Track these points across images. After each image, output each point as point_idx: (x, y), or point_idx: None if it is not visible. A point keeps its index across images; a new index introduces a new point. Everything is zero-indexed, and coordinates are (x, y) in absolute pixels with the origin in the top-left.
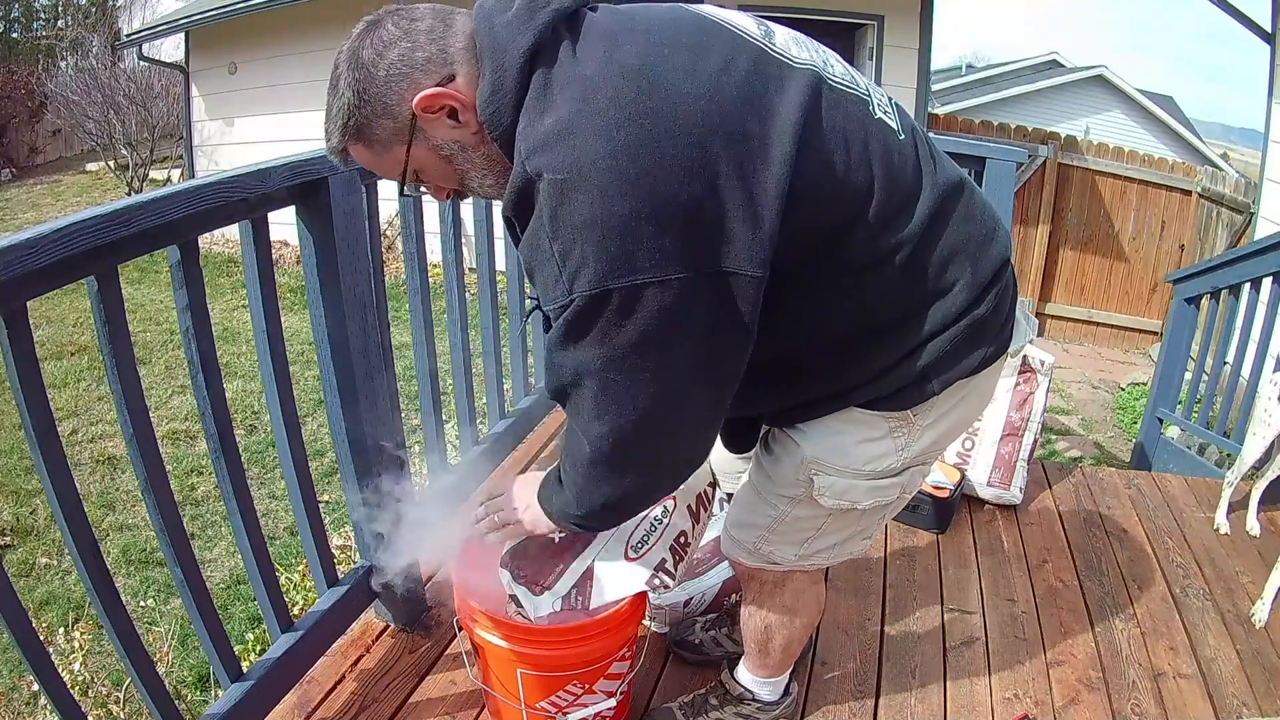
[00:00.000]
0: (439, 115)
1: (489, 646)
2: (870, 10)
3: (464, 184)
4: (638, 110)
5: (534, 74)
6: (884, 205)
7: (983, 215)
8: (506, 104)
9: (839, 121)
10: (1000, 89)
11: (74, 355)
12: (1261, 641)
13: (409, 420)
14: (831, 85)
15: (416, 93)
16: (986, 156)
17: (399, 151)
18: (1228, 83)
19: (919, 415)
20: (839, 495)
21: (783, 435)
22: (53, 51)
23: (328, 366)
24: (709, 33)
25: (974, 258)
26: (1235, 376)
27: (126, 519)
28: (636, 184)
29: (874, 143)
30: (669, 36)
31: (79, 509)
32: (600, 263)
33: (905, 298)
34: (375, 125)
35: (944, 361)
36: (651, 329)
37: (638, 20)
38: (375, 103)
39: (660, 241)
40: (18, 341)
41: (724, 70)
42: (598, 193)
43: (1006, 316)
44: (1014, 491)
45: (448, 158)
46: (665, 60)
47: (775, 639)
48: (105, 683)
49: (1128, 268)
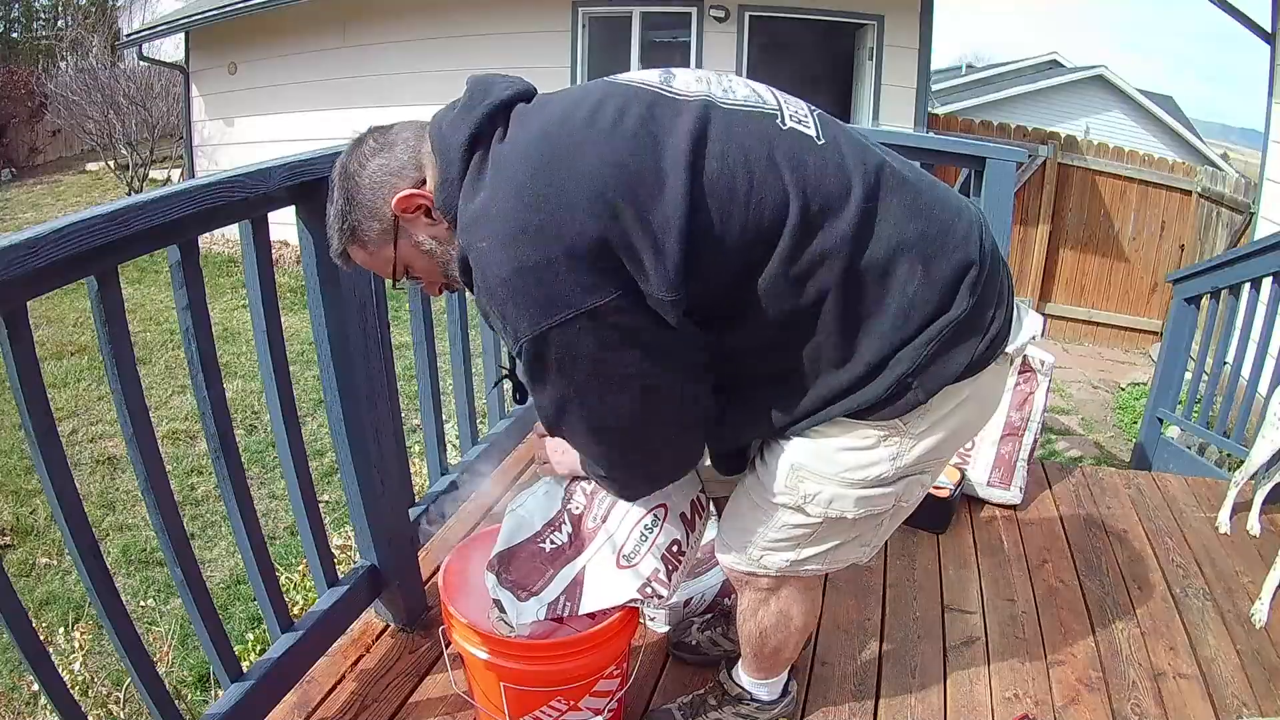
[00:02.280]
0: (417, 215)
1: (472, 659)
2: (870, 10)
3: (447, 275)
4: (540, 166)
5: (472, 160)
6: (804, 211)
7: (937, 212)
8: (454, 191)
9: (738, 139)
10: (1000, 89)
11: (74, 355)
12: (1261, 641)
13: (409, 420)
14: (724, 108)
15: (394, 195)
16: (986, 156)
17: (388, 250)
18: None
19: (910, 424)
20: (825, 504)
21: (773, 442)
22: (53, 51)
23: (328, 366)
24: (607, 93)
25: (926, 256)
26: (1235, 376)
27: (126, 519)
28: (542, 231)
29: (780, 153)
30: (571, 104)
31: (79, 509)
32: (530, 309)
33: (850, 305)
34: (365, 227)
35: (922, 367)
36: (600, 352)
37: (552, 98)
38: (363, 207)
39: (576, 277)
40: (18, 341)
41: (617, 121)
42: (512, 250)
43: (993, 316)
44: (1014, 491)
45: (429, 253)
46: (566, 122)
47: (770, 644)
48: (105, 683)
49: (1128, 268)
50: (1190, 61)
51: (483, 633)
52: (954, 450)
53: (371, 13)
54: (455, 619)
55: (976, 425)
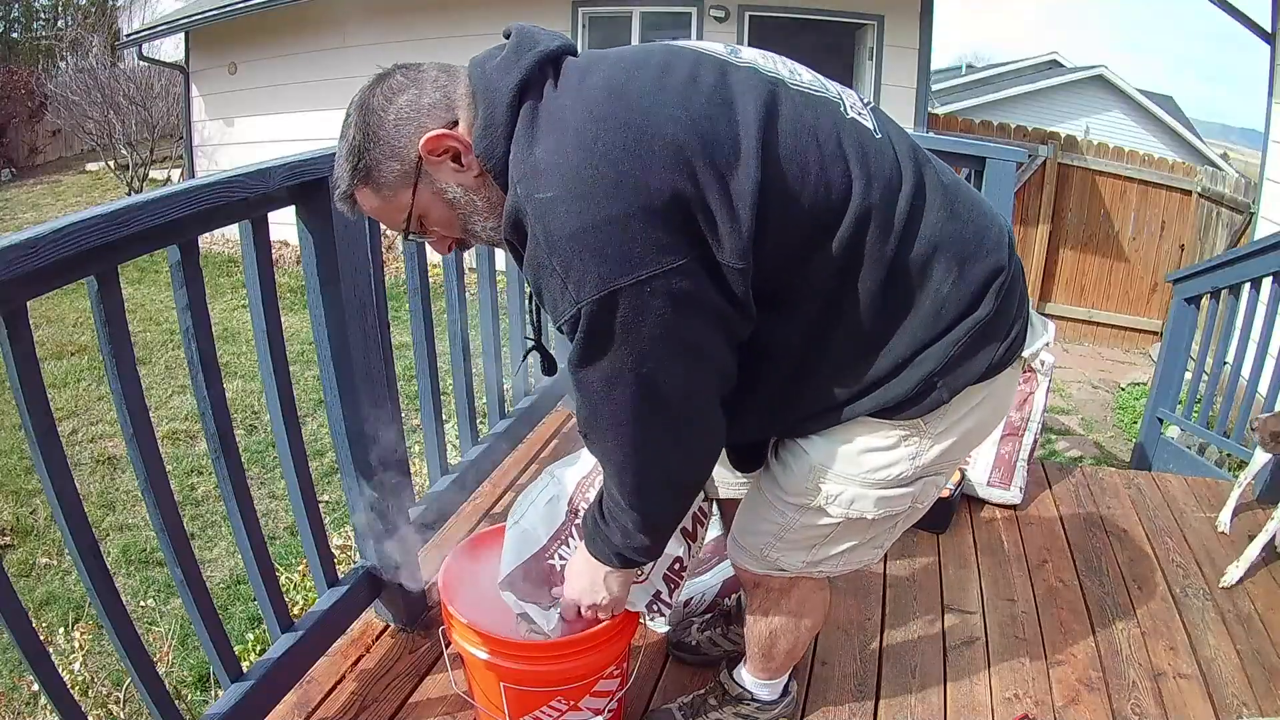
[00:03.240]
0: (443, 159)
1: (472, 659)
2: (870, 10)
3: (466, 229)
4: (613, 123)
5: (522, 109)
6: (865, 200)
7: (973, 216)
8: (498, 137)
9: (807, 120)
10: (1000, 89)
11: (74, 355)
12: (1261, 641)
13: (409, 420)
14: (792, 89)
15: (422, 135)
16: (986, 156)
17: (404, 196)
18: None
19: (930, 424)
20: (846, 504)
21: (792, 443)
22: (53, 51)
23: (328, 366)
24: (674, 55)
25: (961, 258)
26: (1235, 376)
27: (126, 519)
28: (620, 186)
29: (846, 139)
30: (633, 62)
31: (79, 509)
32: (601, 266)
33: (888, 300)
34: (383, 168)
35: (948, 367)
36: (670, 315)
37: (608, 54)
38: (384, 145)
39: (652, 235)
40: (18, 341)
41: (690, 82)
42: (585, 202)
43: (1015, 319)
44: (1014, 491)
45: (450, 202)
46: (634, 79)
47: (780, 644)
48: (105, 683)
49: (1128, 268)
50: (1190, 61)
51: (482, 633)
52: (967, 452)
53: (371, 13)
54: (455, 619)
55: (989, 428)
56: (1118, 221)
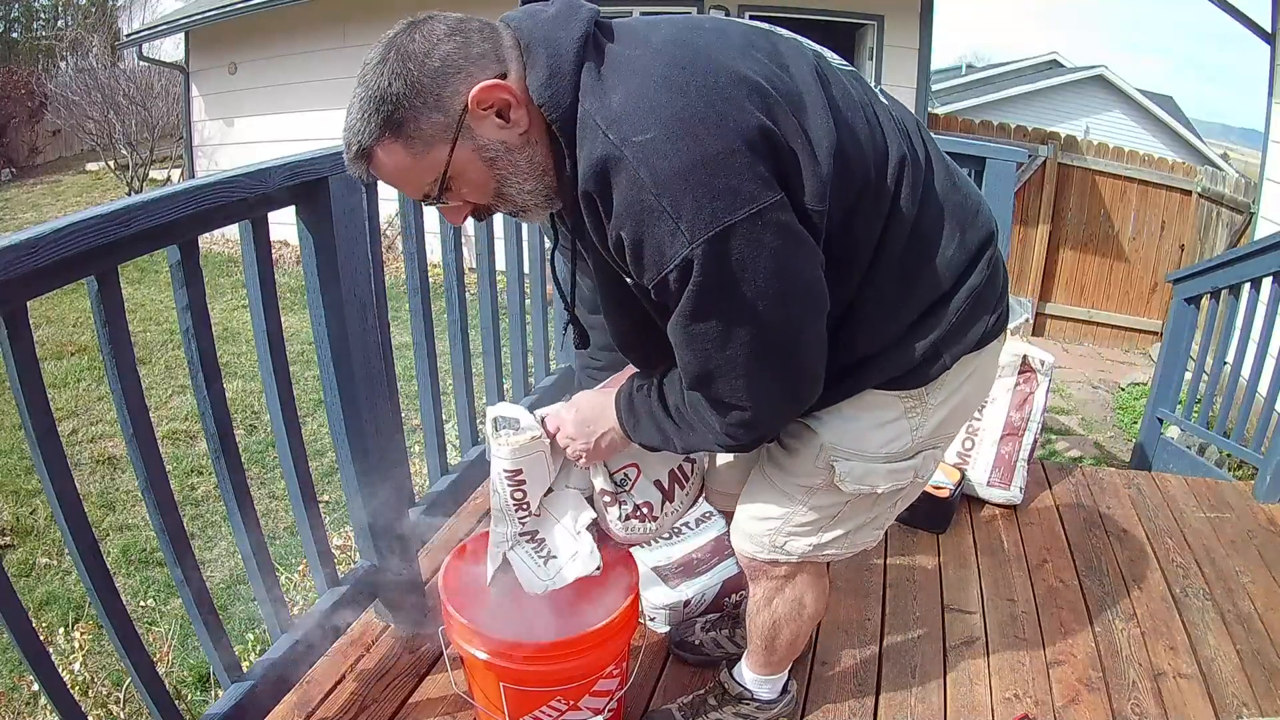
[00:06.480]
0: (488, 113)
1: (472, 659)
2: (870, 10)
3: (500, 193)
4: (697, 69)
5: (584, 64)
6: (901, 163)
7: (966, 188)
8: (566, 86)
9: (849, 88)
10: (1000, 89)
11: (74, 355)
12: (1261, 641)
13: (409, 420)
14: (829, 60)
15: (472, 85)
16: (986, 156)
17: (440, 152)
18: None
19: (931, 393)
20: (859, 480)
21: (797, 426)
22: (53, 51)
23: (328, 366)
24: (722, 23)
25: (961, 224)
26: (1235, 376)
27: (126, 519)
28: (722, 123)
29: (879, 108)
30: (691, 25)
31: (79, 509)
32: (715, 202)
33: (905, 262)
34: (422, 119)
35: (952, 334)
36: (784, 248)
37: (656, 20)
38: (427, 94)
39: (757, 169)
40: (18, 341)
41: (747, 44)
42: (690, 140)
43: (1001, 292)
44: (1014, 491)
45: (490, 160)
46: (698, 37)
47: (783, 634)
48: (105, 683)
49: (1128, 268)
50: (1190, 61)
51: (482, 633)
52: (960, 425)
53: (371, 13)
54: (455, 619)
55: (974, 404)
56: (1118, 221)
